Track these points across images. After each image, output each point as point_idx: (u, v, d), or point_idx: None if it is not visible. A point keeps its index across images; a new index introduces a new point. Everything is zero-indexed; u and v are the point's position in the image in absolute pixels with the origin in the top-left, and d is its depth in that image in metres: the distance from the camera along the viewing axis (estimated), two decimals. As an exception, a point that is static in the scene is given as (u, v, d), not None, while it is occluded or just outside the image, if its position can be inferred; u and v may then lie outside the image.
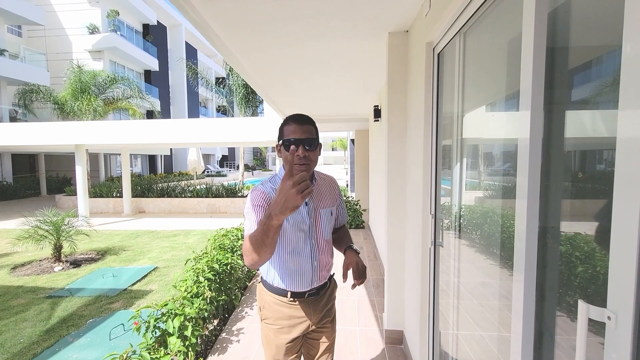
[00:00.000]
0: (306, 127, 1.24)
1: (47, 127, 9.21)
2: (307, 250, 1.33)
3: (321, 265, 1.38)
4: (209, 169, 28.93)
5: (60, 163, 18.56)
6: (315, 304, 1.41)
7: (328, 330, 1.50)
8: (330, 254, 1.43)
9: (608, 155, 0.80)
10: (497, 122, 1.40)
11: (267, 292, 1.40)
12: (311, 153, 1.24)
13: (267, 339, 1.42)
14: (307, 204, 1.33)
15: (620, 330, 0.65)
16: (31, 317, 3.55)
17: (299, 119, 1.25)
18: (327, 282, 1.46)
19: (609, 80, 0.78)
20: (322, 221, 1.35)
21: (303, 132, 1.22)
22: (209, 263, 3.20)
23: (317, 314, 1.42)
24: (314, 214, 1.34)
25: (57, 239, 5.29)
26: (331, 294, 1.52)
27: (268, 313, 1.40)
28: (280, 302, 1.37)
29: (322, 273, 1.40)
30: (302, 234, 1.32)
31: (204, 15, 2.18)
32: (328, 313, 1.48)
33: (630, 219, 0.62)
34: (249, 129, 8.56)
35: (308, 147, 1.22)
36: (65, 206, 11.76)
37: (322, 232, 1.36)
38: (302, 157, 1.21)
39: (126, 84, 14.08)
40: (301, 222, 1.31)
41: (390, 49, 2.52)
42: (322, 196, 1.38)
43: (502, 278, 1.27)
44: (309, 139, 1.22)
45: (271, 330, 1.40)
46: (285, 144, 1.22)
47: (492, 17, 1.33)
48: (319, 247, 1.36)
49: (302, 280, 1.35)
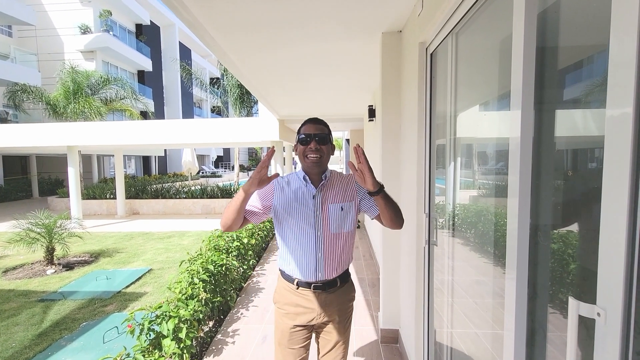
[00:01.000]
0: (319, 126, 1.42)
1: (38, 128, 9.08)
2: (311, 241, 1.41)
3: (327, 259, 1.42)
4: (204, 170, 28.76)
5: (53, 165, 18.32)
6: (322, 299, 1.45)
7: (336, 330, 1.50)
8: (340, 250, 1.44)
9: (597, 153, 0.81)
10: (489, 122, 1.41)
11: (280, 277, 1.54)
12: (323, 146, 1.40)
13: (276, 322, 1.55)
14: (314, 197, 1.42)
15: (609, 326, 0.66)
16: (23, 321, 3.50)
17: (314, 120, 1.45)
18: (338, 280, 1.47)
19: (598, 80, 0.79)
20: (329, 215, 1.41)
21: (316, 129, 1.40)
22: (203, 264, 3.19)
23: (322, 309, 1.45)
24: (321, 208, 1.41)
25: (49, 242, 5.22)
26: (343, 296, 1.51)
27: (278, 297, 1.53)
28: (289, 288, 1.48)
29: (328, 267, 1.43)
30: (307, 225, 1.41)
31: (198, 16, 2.16)
32: (339, 314, 1.49)
33: (619, 217, 0.63)
34: (244, 130, 8.53)
35: (321, 142, 1.39)
36: (58, 208, 11.62)
37: (329, 225, 1.41)
38: (314, 150, 1.38)
39: (120, 84, 13.93)
40: (307, 215, 1.41)
41: (383, 49, 2.53)
42: (331, 192, 1.45)
43: (496, 276, 1.29)
44: (321, 135, 1.40)
45: (279, 313, 1.52)
46: (301, 139, 1.41)
47: (483, 18, 1.34)
48: (324, 240, 1.41)
49: (306, 270, 1.43)
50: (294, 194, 1.43)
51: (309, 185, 1.43)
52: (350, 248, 1.51)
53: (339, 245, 1.44)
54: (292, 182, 1.47)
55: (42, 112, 13.58)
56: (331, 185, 1.46)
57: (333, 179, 1.49)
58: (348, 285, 1.55)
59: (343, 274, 1.50)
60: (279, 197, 1.44)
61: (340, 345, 1.53)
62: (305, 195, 1.42)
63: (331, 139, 1.44)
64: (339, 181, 1.49)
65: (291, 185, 1.46)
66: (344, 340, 1.54)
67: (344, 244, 1.46)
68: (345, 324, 1.54)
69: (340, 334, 1.52)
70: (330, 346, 1.52)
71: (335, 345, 1.52)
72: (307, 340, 1.51)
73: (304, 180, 1.44)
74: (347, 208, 1.44)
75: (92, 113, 12.39)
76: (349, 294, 1.56)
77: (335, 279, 1.47)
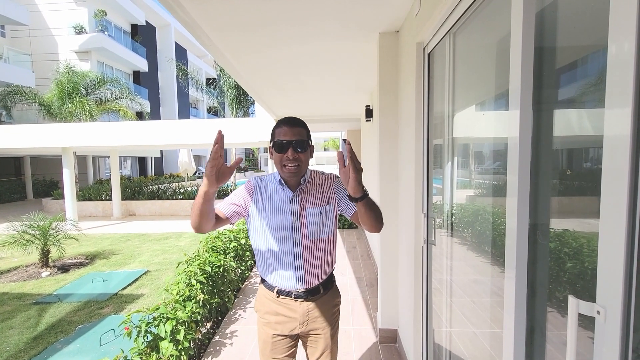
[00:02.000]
0: (297, 129, 1.27)
1: (33, 129, 8.99)
2: (290, 248, 1.32)
3: (306, 266, 1.34)
4: (201, 171, 28.64)
5: (47, 166, 18.12)
6: (305, 307, 1.37)
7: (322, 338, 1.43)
8: (321, 256, 1.36)
9: (595, 153, 0.82)
10: (487, 121, 1.42)
11: (261, 285, 1.46)
12: (302, 155, 1.27)
13: (258, 331, 1.48)
14: (291, 202, 1.32)
15: (609, 324, 0.66)
16: (18, 324, 3.46)
17: (290, 121, 1.28)
18: (320, 287, 1.40)
19: (596, 79, 0.79)
20: (307, 220, 1.32)
21: (294, 134, 1.25)
22: (201, 266, 3.17)
23: (305, 318, 1.38)
24: (299, 213, 1.32)
25: (44, 244, 5.16)
26: (327, 303, 1.43)
27: (259, 305, 1.46)
28: (269, 296, 1.40)
29: (309, 275, 1.35)
30: (284, 231, 1.31)
31: (194, 16, 2.15)
32: (324, 322, 1.41)
33: (618, 215, 0.63)
34: (241, 130, 8.51)
35: (299, 149, 1.25)
36: (53, 210, 11.49)
37: (307, 231, 1.32)
38: (292, 159, 1.24)
39: (115, 85, 13.84)
40: (283, 220, 1.31)
41: (381, 49, 2.54)
42: (310, 196, 1.35)
43: (494, 275, 1.29)
44: (299, 141, 1.25)
45: (260, 322, 1.45)
46: (276, 145, 1.26)
47: (481, 17, 1.35)
48: (302, 246, 1.33)
49: (286, 279, 1.35)
50: (269, 199, 1.33)
51: (285, 189, 1.33)
52: (332, 252, 1.42)
53: (319, 252, 1.36)
54: (269, 185, 1.37)
55: (35, 113, 13.46)
56: (310, 189, 1.36)
57: (312, 181, 1.38)
58: (332, 291, 1.47)
59: (326, 280, 1.42)
60: (257, 197, 1.34)
61: (328, 354, 1.44)
62: (282, 200, 1.32)
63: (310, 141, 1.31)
64: (318, 182, 1.38)
65: (267, 189, 1.36)
66: (331, 347, 1.45)
67: (325, 250, 1.37)
68: (332, 330, 1.45)
69: (327, 341, 1.44)
70: (318, 354, 1.44)
71: (322, 354, 1.44)
72: (292, 349, 1.44)
73: (279, 183, 1.34)
74: (326, 212, 1.35)
75: (84, 113, 12.31)
76: (333, 300, 1.47)
77: (318, 286, 1.38)
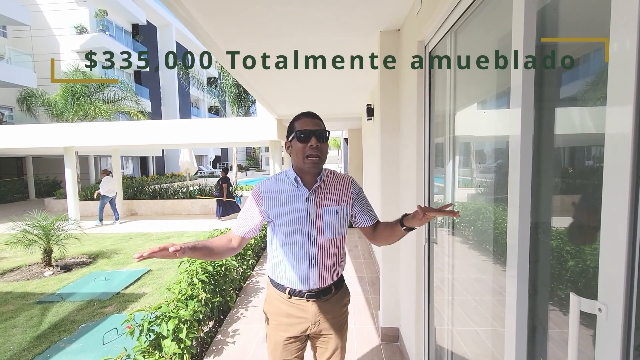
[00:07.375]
0: (317, 121, 1.30)
1: (35, 129, 9.01)
2: (305, 247, 1.31)
3: (321, 265, 1.34)
4: (202, 170, 28.68)
5: (49, 166, 18.17)
6: (317, 308, 1.37)
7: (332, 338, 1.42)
8: (334, 255, 1.36)
9: (597, 151, 0.81)
10: (489, 120, 1.42)
11: (270, 286, 1.43)
12: (323, 144, 1.28)
13: (268, 333, 1.45)
14: (307, 200, 1.30)
15: (611, 321, 0.66)
16: (21, 323, 3.48)
17: (310, 114, 1.31)
18: (332, 287, 1.39)
19: (597, 77, 0.79)
20: (323, 219, 1.31)
21: (315, 125, 1.28)
22: (202, 265, 3.18)
23: (317, 318, 1.37)
24: (315, 212, 1.31)
25: (47, 243, 5.18)
26: (337, 303, 1.44)
27: (269, 307, 1.43)
28: (280, 297, 1.38)
29: (323, 274, 1.35)
30: (300, 231, 1.30)
31: (195, 16, 2.16)
32: (334, 321, 1.41)
33: (619, 213, 0.63)
34: (242, 129, 8.51)
35: (322, 139, 1.27)
36: (55, 210, 11.54)
37: (323, 230, 1.31)
38: (316, 147, 1.25)
39: (120, 86, 13.91)
40: (299, 219, 1.30)
41: (382, 48, 2.53)
42: (326, 194, 1.33)
43: (496, 274, 1.29)
44: (321, 131, 1.28)
45: (271, 325, 1.42)
46: (299, 135, 1.26)
47: (482, 15, 1.34)
48: (318, 246, 1.32)
49: (300, 278, 1.33)
50: (283, 197, 1.31)
51: (300, 187, 1.31)
52: (344, 252, 1.43)
53: (334, 251, 1.35)
54: (281, 183, 1.34)
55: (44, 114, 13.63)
56: (325, 187, 1.34)
57: (328, 179, 1.37)
58: (343, 291, 1.48)
59: (338, 280, 1.42)
60: (267, 202, 1.32)
61: (338, 354, 1.45)
62: (297, 198, 1.30)
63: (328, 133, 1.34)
64: (334, 181, 1.38)
65: (279, 187, 1.33)
66: (341, 346, 1.46)
67: (338, 249, 1.38)
68: (342, 330, 1.46)
69: (337, 340, 1.44)
70: (328, 354, 1.43)
71: (333, 353, 1.43)
72: (302, 350, 1.44)
73: (295, 181, 1.31)
74: (343, 212, 1.34)
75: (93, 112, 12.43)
76: (343, 300, 1.48)
77: (330, 286, 1.38)
